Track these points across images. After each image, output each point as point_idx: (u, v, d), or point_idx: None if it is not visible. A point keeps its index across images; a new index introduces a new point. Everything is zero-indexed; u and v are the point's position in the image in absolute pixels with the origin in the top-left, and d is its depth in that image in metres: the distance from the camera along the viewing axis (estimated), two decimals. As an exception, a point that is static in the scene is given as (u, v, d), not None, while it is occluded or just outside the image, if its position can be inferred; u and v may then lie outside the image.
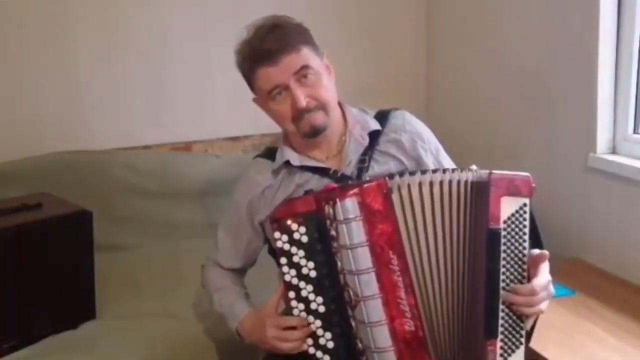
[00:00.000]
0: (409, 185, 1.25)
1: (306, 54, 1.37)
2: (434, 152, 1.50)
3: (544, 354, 1.53)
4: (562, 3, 2.06)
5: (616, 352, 1.55)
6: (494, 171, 1.25)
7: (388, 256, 1.23)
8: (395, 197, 1.24)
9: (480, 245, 1.23)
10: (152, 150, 2.49)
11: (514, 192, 1.23)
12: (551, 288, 1.27)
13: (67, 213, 1.91)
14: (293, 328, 1.29)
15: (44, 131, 2.37)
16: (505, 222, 1.22)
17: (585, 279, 1.92)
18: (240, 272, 1.60)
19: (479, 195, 1.24)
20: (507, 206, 1.23)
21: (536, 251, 1.27)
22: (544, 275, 1.25)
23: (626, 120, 1.96)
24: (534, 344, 1.53)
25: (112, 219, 2.28)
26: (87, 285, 1.93)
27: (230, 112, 2.60)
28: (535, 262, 1.25)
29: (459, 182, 1.26)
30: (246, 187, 1.52)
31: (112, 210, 2.31)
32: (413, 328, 1.24)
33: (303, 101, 1.36)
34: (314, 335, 1.29)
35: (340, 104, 1.48)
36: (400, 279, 1.23)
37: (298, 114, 1.38)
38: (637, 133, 1.96)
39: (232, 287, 1.54)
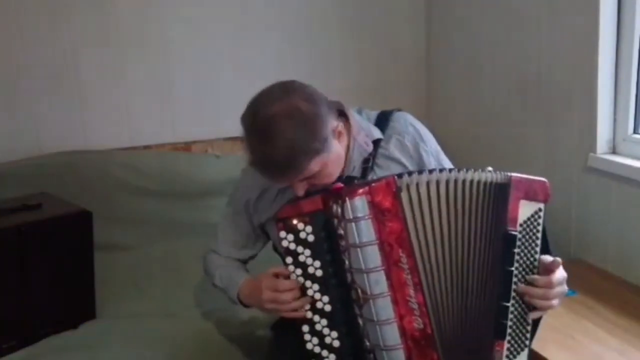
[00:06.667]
0: (417, 185, 1.25)
1: (313, 165, 1.29)
2: (435, 155, 1.50)
3: (544, 354, 1.53)
4: (562, 3, 2.06)
5: (616, 352, 1.55)
6: (513, 174, 1.25)
7: (397, 254, 1.23)
8: (404, 195, 1.24)
9: (496, 247, 1.24)
10: (152, 150, 2.49)
11: (531, 196, 1.24)
12: (565, 286, 1.28)
13: (67, 213, 1.91)
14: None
15: (44, 131, 2.36)
16: (521, 225, 1.23)
17: (585, 279, 1.92)
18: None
19: (498, 196, 1.24)
20: (524, 210, 1.23)
21: (549, 258, 1.27)
22: (560, 272, 1.26)
23: (626, 120, 1.96)
24: (534, 344, 1.54)
25: (112, 219, 2.27)
26: (87, 285, 1.93)
27: (230, 112, 2.56)
28: (550, 267, 1.26)
29: (475, 182, 1.25)
30: (245, 187, 1.53)
31: (112, 210, 2.30)
32: (422, 326, 1.24)
33: (301, 192, 1.34)
34: (320, 335, 1.29)
35: (344, 112, 1.44)
36: (409, 277, 1.24)
37: None
38: (637, 133, 1.96)
39: (231, 263, 1.57)
